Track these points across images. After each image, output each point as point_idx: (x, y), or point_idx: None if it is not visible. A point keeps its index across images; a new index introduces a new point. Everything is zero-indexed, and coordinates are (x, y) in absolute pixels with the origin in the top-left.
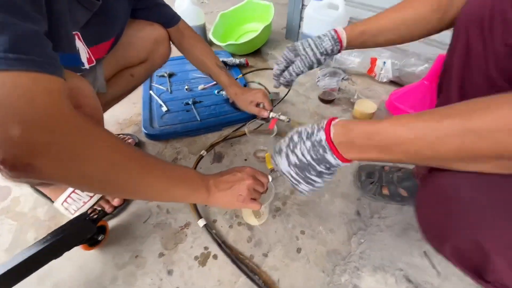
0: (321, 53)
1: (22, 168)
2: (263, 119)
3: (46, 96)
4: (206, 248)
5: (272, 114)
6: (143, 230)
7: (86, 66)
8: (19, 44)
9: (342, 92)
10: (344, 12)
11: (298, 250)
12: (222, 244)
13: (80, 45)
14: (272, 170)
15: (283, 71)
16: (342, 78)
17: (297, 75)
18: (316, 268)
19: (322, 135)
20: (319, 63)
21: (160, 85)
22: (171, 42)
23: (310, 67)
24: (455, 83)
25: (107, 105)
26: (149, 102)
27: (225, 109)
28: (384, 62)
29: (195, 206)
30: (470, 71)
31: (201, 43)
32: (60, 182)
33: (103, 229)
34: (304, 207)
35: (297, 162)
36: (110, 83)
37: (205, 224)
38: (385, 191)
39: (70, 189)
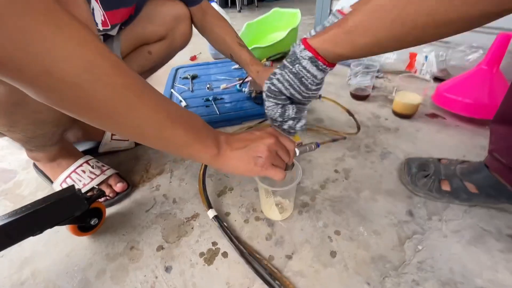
0: (295, 86)
1: None
2: None
3: None
4: (214, 243)
5: None
6: (144, 219)
7: (100, 27)
8: None
9: (377, 90)
10: None
11: (333, 254)
12: (235, 239)
13: (95, 4)
14: (300, 144)
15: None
16: (377, 76)
17: (274, 120)
18: (357, 277)
19: (307, 53)
20: (300, 96)
21: (182, 85)
22: (193, 24)
23: (283, 111)
24: None
25: None
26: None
27: (246, 104)
28: (426, 56)
29: (205, 195)
30: None
31: (223, 21)
32: (16, 79)
33: (98, 213)
34: (338, 203)
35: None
36: (127, 60)
37: (215, 216)
38: (445, 187)
39: (70, 169)
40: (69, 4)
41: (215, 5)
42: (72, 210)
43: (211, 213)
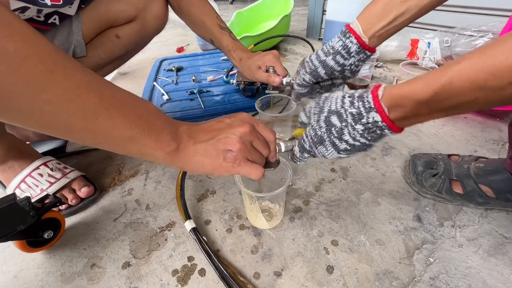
0: (327, 53)
1: None
2: (275, 88)
3: None
4: (190, 258)
5: (286, 80)
6: (111, 230)
7: (47, 1)
8: None
9: (376, 80)
10: None
11: (329, 269)
12: (213, 255)
13: None
14: (291, 138)
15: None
16: (376, 66)
17: (303, 86)
18: None
19: (375, 116)
20: (327, 67)
21: (166, 78)
22: (168, 5)
23: (314, 74)
24: None
25: None
26: (150, 92)
27: (234, 97)
28: (429, 43)
29: (183, 202)
30: None
31: (202, 1)
32: None
33: (55, 225)
34: (336, 207)
35: (348, 147)
36: (92, 45)
37: (193, 228)
38: (457, 189)
39: (24, 172)
40: None
41: None
42: (13, 224)
43: (189, 225)
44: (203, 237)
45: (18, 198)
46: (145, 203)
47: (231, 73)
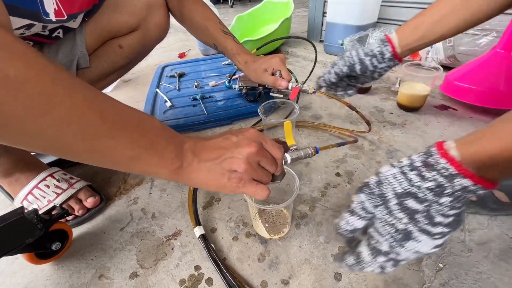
0: (366, 54)
1: None
2: (279, 92)
3: None
4: (197, 267)
5: (291, 84)
6: (118, 239)
7: (52, 18)
8: None
9: (378, 81)
10: None
11: (337, 277)
12: (223, 267)
13: None
14: (294, 149)
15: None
16: None
17: (337, 75)
18: None
19: (464, 182)
20: (363, 64)
21: (169, 84)
22: (170, 13)
23: (351, 68)
24: None
25: (94, 85)
26: (153, 99)
27: (237, 102)
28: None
29: (195, 209)
30: None
31: (203, 7)
32: None
33: (62, 236)
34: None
35: (445, 229)
36: (95, 56)
37: (202, 235)
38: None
39: (31, 184)
40: None
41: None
42: (22, 237)
43: (198, 230)
44: (211, 244)
45: (26, 211)
46: (151, 211)
47: (233, 78)
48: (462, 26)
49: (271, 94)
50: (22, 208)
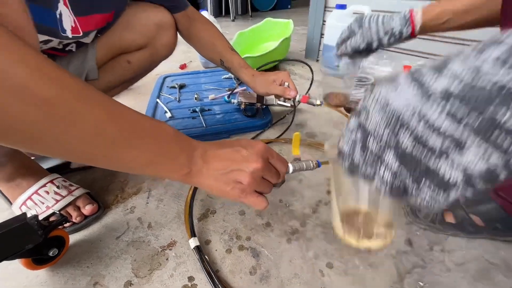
0: (386, 32)
1: None
2: (286, 101)
3: None
4: (191, 278)
5: (298, 97)
6: (114, 248)
7: (69, 34)
8: None
9: None
10: None
11: None
12: (216, 280)
13: (64, 9)
14: (297, 159)
15: (344, 42)
16: None
17: (353, 50)
18: None
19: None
20: (381, 43)
21: (169, 95)
22: (178, 32)
23: (369, 45)
24: None
25: None
26: (153, 109)
27: (235, 116)
28: None
29: (190, 221)
30: None
31: (211, 26)
32: None
33: (60, 242)
34: (331, 230)
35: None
36: (104, 69)
37: (197, 246)
38: (449, 218)
39: (31, 190)
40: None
41: (206, 14)
42: (22, 243)
43: (193, 242)
44: (205, 256)
45: (33, 217)
46: (147, 221)
47: (233, 92)
48: (482, 22)
49: (277, 103)
50: (24, 214)
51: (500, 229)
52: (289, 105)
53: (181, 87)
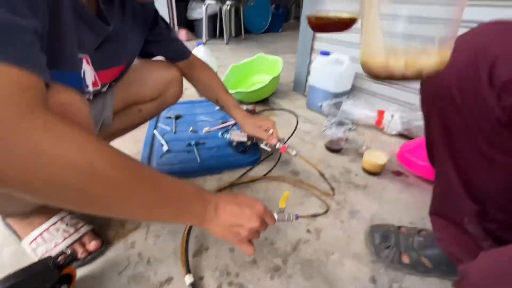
0: None
1: None
2: (267, 146)
3: (19, 89)
4: None
5: (278, 145)
6: (115, 283)
7: (90, 89)
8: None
9: (349, 142)
10: (349, 68)
11: None
12: None
13: (87, 68)
14: (282, 210)
15: None
16: (349, 129)
17: None
18: None
19: None
20: None
21: (166, 125)
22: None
23: None
24: (446, 159)
25: (109, 138)
26: (151, 141)
27: (227, 151)
28: (392, 115)
29: (185, 257)
30: (457, 147)
31: (209, 69)
32: (23, 188)
33: (68, 278)
34: (309, 268)
35: None
36: (117, 116)
37: (192, 283)
38: (405, 259)
39: (43, 227)
40: (69, 111)
41: (202, 48)
42: (44, 284)
43: (188, 279)
44: None
45: (46, 259)
46: (147, 256)
47: (224, 124)
48: None
49: (262, 146)
50: (49, 259)
51: (446, 271)
52: (269, 149)
53: (177, 117)
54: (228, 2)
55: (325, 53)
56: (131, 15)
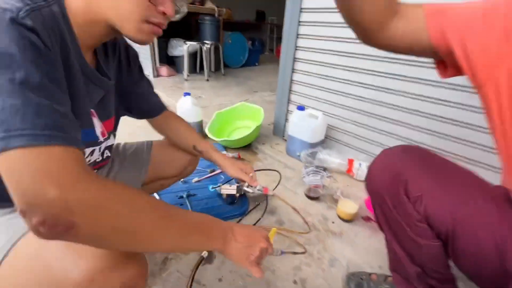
0: None
1: (62, 226)
2: (249, 187)
3: (75, 163)
4: None
5: (258, 187)
6: None
7: (101, 139)
8: (53, 123)
9: (325, 188)
10: (322, 122)
11: None
12: None
13: (95, 120)
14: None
15: None
16: (325, 176)
17: None
18: None
19: None
20: None
21: None
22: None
23: None
24: (389, 236)
25: None
26: None
27: (218, 203)
28: (360, 164)
29: None
30: (395, 231)
31: (183, 120)
32: (93, 240)
33: None
34: None
35: None
36: (141, 187)
37: None
38: None
39: None
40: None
41: (188, 99)
42: None
43: None
44: None
45: None
46: None
47: (213, 174)
48: None
49: (245, 188)
50: None
51: None
52: (251, 191)
53: None
54: (208, 42)
55: (301, 108)
56: (125, 65)
